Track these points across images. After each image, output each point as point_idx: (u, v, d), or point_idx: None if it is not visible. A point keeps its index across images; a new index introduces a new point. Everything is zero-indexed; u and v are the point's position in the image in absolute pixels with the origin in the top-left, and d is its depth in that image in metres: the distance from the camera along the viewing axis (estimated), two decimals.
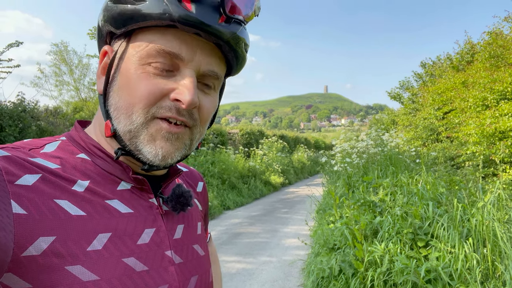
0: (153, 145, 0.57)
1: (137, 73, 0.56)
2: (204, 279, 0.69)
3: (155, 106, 0.56)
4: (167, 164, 0.60)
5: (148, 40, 0.57)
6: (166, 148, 0.58)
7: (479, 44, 10.05)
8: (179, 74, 0.57)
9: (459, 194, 3.71)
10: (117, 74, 0.59)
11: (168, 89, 0.56)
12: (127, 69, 0.58)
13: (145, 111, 0.56)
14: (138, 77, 0.56)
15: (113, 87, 0.60)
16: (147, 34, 0.57)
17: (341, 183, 6.50)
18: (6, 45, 7.45)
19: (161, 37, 0.56)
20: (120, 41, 0.61)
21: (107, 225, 0.55)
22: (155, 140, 0.57)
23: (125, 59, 0.59)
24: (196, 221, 0.74)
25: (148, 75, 0.56)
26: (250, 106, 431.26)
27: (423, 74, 15.02)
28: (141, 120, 0.56)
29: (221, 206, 8.80)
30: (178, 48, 0.56)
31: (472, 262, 2.76)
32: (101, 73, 0.62)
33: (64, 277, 0.48)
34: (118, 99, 0.58)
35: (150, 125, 0.57)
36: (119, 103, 0.58)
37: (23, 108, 6.53)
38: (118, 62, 0.60)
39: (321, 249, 4.27)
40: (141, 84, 0.56)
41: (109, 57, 0.62)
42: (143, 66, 0.56)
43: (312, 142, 27.61)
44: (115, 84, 0.59)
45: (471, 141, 6.49)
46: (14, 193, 0.47)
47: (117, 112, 0.58)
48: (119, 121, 0.58)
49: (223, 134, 14.10)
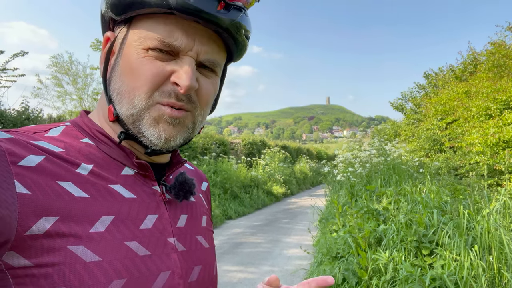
0: (156, 128, 0.58)
1: (139, 57, 0.57)
2: (208, 270, 0.67)
3: (157, 91, 0.57)
4: (170, 147, 0.60)
5: (148, 27, 0.57)
6: (169, 131, 0.58)
7: (482, 54, 10.09)
8: (179, 59, 0.58)
9: (464, 202, 3.68)
10: (119, 60, 0.60)
11: (169, 70, 0.57)
12: (129, 54, 0.58)
13: (147, 95, 0.56)
14: (140, 61, 0.57)
15: (115, 72, 0.60)
16: (148, 21, 0.57)
17: (343, 192, 6.46)
18: (11, 55, 7.54)
19: (160, 24, 0.56)
20: (121, 27, 0.61)
21: (110, 208, 0.54)
22: (158, 123, 0.58)
23: (126, 45, 0.59)
24: (201, 214, 0.73)
25: (151, 59, 0.56)
26: (252, 117, 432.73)
27: (426, 85, 15.06)
28: (142, 104, 0.57)
29: (223, 215, 8.75)
30: (177, 38, 0.56)
31: (478, 270, 2.72)
32: (103, 58, 0.63)
33: (66, 257, 0.47)
34: (121, 84, 0.58)
35: (151, 109, 0.57)
36: (121, 87, 0.58)
37: (27, 116, 6.58)
38: (119, 48, 0.61)
39: (324, 258, 4.23)
40: (144, 67, 0.56)
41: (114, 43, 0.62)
42: (144, 50, 0.57)
43: (314, 153, 27.58)
44: (117, 69, 0.60)
45: (475, 150, 6.46)
46: (18, 174, 0.47)
47: (120, 97, 0.58)
48: (121, 105, 0.58)
49: (225, 144, 14.11)
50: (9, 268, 0.46)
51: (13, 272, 0.46)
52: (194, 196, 0.70)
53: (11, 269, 0.46)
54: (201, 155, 11.35)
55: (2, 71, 7.31)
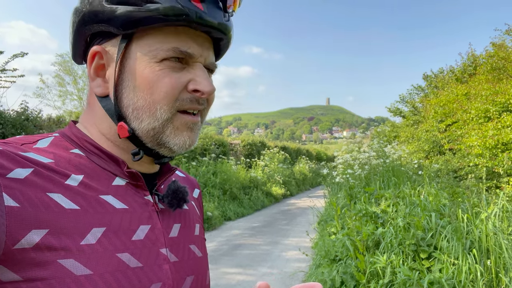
0: (181, 136, 0.60)
1: (155, 71, 0.57)
2: (200, 280, 0.67)
3: (177, 100, 0.59)
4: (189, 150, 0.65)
5: (160, 39, 0.57)
6: (192, 136, 0.62)
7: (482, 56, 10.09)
8: (191, 67, 0.60)
9: (462, 205, 3.68)
10: (125, 75, 0.59)
11: (186, 81, 0.59)
12: (141, 69, 0.57)
13: (169, 106, 0.58)
14: (157, 75, 0.57)
15: (126, 88, 0.59)
16: (158, 33, 0.57)
17: (342, 194, 6.46)
18: (11, 55, 7.53)
19: (171, 35, 0.57)
20: (117, 41, 0.59)
21: (101, 220, 0.54)
22: (182, 131, 0.60)
23: (133, 59, 0.58)
24: (193, 222, 0.73)
25: (166, 71, 0.57)
26: (252, 118, 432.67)
27: (425, 86, 15.06)
28: (166, 115, 0.58)
29: (222, 216, 8.75)
30: (190, 46, 0.59)
31: (476, 274, 2.71)
32: (94, 74, 0.61)
33: (56, 271, 0.47)
34: (137, 99, 0.58)
35: (174, 119, 0.59)
36: (138, 103, 0.58)
37: (26, 116, 6.57)
38: (122, 63, 0.59)
39: (323, 261, 4.22)
40: (163, 81, 0.57)
41: (104, 58, 0.60)
42: (158, 64, 0.57)
43: (314, 153, 27.57)
44: (127, 85, 0.59)
45: (474, 153, 6.46)
46: (6, 186, 0.46)
47: (137, 112, 0.58)
48: (140, 120, 0.58)
49: (225, 144, 14.10)
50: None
51: (3, 287, 0.45)
52: (187, 204, 0.70)
53: (0, 284, 0.45)
54: (200, 156, 11.34)
55: (1, 72, 7.30)
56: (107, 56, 0.60)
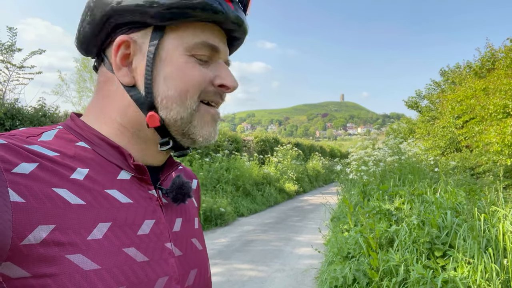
0: (207, 128, 0.63)
1: (187, 62, 0.59)
2: (203, 273, 0.68)
3: (203, 92, 0.61)
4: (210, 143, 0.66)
5: (192, 32, 0.60)
6: (216, 130, 0.65)
7: (500, 50, 9.82)
8: (214, 64, 0.63)
9: (479, 203, 3.60)
10: (156, 65, 0.59)
11: (212, 76, 0.62)
12: (174, 59, 0.59)
13: (196, 97, 0.60)
14: (188, 67, 0.59)
15: (156, 78, 0.59)
16: (190, 27, 0.60)
17: (356, 191, 6.40)
18: (29, 53, 7.69)
19: (203, 30, 0.60)
20: (148, 32, 0.59)
21: (107, 215, 0.54)
22: (207, 123, 0.63)
23: (165, 50, 0.59)
24: (193, 216, 0.74)
25: (195, 64, 0.60)
26: (266, 114, 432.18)
27: (441, 82, 14.76)
28: (194, 105, 0.60)
29: (234, 212, 8.78)
30: (217, 42, 0.62)
31: (492, 274, 2.66)
32: (121, 64, 0.60)
33: (65, 266, 0.47)
34: (167, 89, 0.59)
35: (199, 110, 0.62)
36: (168, 92, 0.59)
37: (44, 113, 6.71)
38: (154, 53, 0.59)
39: (335, 258, 4.20)
40: (193, 72, 0.59)
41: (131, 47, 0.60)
42: (189, 56, 0.60)
43: (327, 150, 27.38)
44: (157, 75, 0.59)
45: (492, 150, 6.31)
46: (12, 181, 0.46)
47: (166, 101, 0.59)
48: (170, 110, 0.59)
49: (238, 141, 14.12)
50: (7, 280, 0.45)
51: (12, 283, 0.45)
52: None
53: (9, 281, 0.45)
54: (214, 152, 11.40)
55: (19, 69, 7.47)
56: (135, 45, 0.59)
